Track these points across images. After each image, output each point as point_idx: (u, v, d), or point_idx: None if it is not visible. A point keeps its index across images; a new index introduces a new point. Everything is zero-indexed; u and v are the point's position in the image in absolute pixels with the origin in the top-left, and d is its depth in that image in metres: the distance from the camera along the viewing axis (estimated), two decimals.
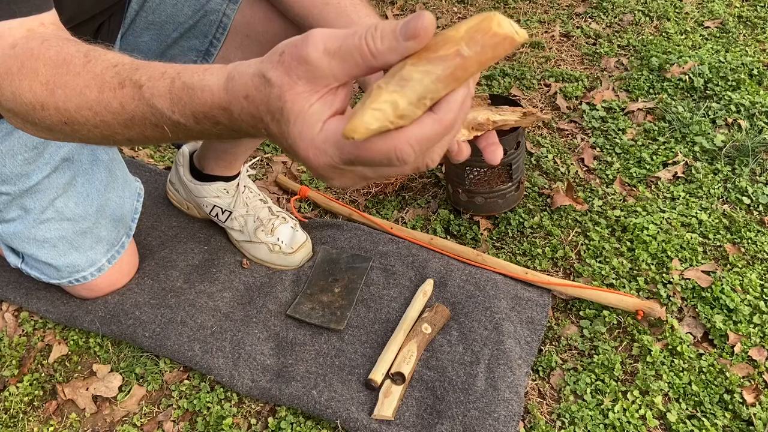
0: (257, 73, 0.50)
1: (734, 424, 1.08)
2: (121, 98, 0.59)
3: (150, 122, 0.59)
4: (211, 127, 0.56)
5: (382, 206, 1.53)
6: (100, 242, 1.23)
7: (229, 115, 0.54)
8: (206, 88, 0.54)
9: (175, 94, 0.57)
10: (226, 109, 0.54)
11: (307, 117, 0.48)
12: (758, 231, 1.39)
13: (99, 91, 0.60)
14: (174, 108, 0.57)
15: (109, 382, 1.20)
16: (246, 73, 0.51)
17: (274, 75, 0.49)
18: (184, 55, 1.12)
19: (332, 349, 1.20)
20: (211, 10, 1.07)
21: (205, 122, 0.56)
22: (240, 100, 0.52)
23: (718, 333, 1.20)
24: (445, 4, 2.31)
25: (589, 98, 1.81)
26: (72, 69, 0.63)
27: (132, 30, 1.09)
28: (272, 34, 1.07)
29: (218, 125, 0.56)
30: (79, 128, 0.64)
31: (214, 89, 0.54)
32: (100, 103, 0.61)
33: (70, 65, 0.63)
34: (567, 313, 1.27)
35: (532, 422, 1.10)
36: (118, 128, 0.62)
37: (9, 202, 1.12)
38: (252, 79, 0.51)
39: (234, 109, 0.53)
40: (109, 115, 0.61)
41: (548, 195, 1.52)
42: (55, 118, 0.64)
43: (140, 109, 0.59)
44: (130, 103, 0.59)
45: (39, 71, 0.63)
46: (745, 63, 1.86)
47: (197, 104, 0.55)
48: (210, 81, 0.54)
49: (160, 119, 0.58)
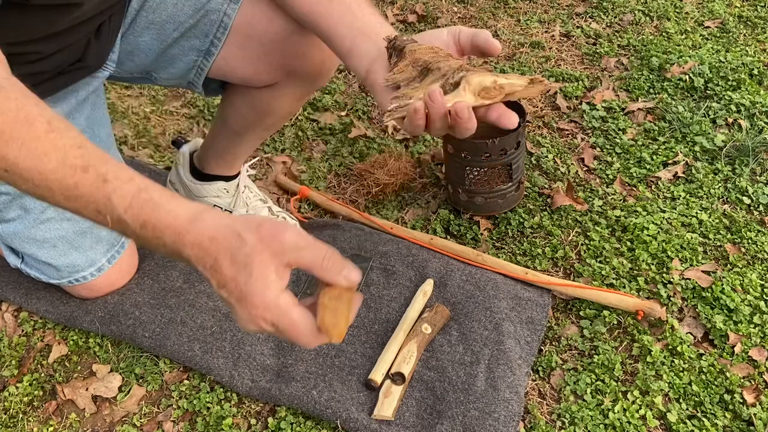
0: (232, 228, 0.64)
1: (734, 424, 1.08)
2: (79, 179, 0.66)
3: (94, 208, 0.67)
4: (151, 238, 0.66)
5: (382, 206, 1.53)
6: (99, 242, 1.22)
7: (177, 240, 0.65)
8: (171, 213, 0.65)
9: (137, 202, 0.66)
10: (179, 234, 0.65)
11: (268, 282, 0.63)
12: (758, 231, 1.39)
13: (58, 165, 0.66)
14: (129, 210, 0.66)
15: (109, 382, 1.20)
16: (218, 224, 0.64)
17: (249, 237, 0.63)
18: (185, 55, 1.11)
19: (332, 349, 1.20)
20: (211, 9, 1.07)
21: (149, 232, 0.66)
22: (202, 237, 0.64)
23: (718, 333, 1.20)
24: (445, 4, 2.31)
25: (589, 98, 1.81)
26: (33, 132, 0.67)
27: (132, 29, 1.09)
28: (273, 34, 1.07)
29: (158, 240, 0.66)
30: (17, 180, 0.69)
31: (179, 216, 0.65)
32: (54, 174, 0.66)
33: (32, 127, 0.67)
34: (567, 313, 1.27)
35: (532, 422, 1.10)
36: (58, 197, 0.68)
37: (9, 202, 1.12)
38: (225, 230, 0.64)
39: (188, 239, 0.65)
40: (58, 186, 0.67)
41: (548, 195, 1.52)
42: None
43: (93, 197, 0.67)
44: (86, 188, 0.66)
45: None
46: (745, 63, 1.86)
47: (154, 218, 0.65)
48: (176, 208, 0.66)
49: (107, 211, 0.67)
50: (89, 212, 0.68)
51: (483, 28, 2.14)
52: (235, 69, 1.13)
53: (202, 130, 1.79)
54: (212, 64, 1.12)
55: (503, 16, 2.22)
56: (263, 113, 1.23)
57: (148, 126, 1.81)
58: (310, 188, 1.56)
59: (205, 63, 1.12)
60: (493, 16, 2.22)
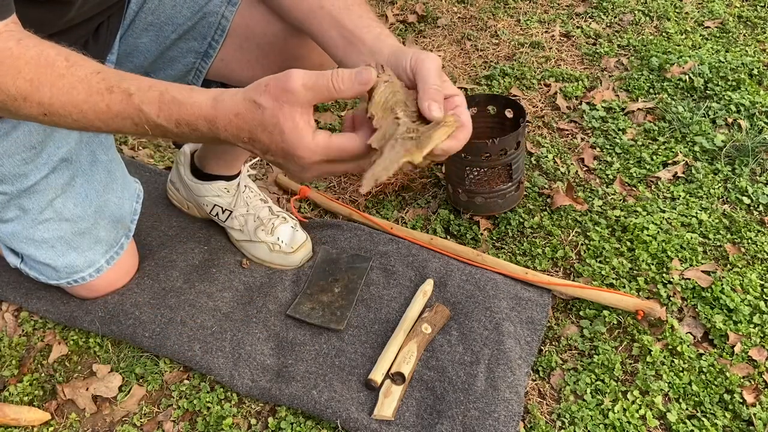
0: (247, 98, 0.69)
1: (734, 424, 1.08)
2: (109, 101, 0.73)
3: (132, 122, 0.74)
4: (189, 132, 0.73)
5: (382, 206, 1.53)
6: (98, 243, 1.23)
7: (212, 125, 0.71)
8: (194, 104, 0.71)
9: (164, 105, 0.72)
10: (210, 121, 0.71)
11: (300, 130, 0.69)
12: (758, 231, 1.39)
13: (87, 94, 0.73)
14: (161, 114, 0.72)
15: (109, 382, 1.20)
16: (235, 98, 0.70)
17: (263, 100, 0.69)
18: (183, 56, 1.12)
19: (332, 349, 1.20)
20: (209, 11, 1.07)
21: (185, 127, 0.73)
22: (229, 116, 0.70)
23: (718, 333, 1.20)
24: (445, 4, 2.31)
25: (589, 98, 1.81)
26: (56, 70, 0.74)
27: (131, 31, 1.09)
28: (271, 36, 1.07)
29: (196, 131, 0.73)
30: (57, 119, 0.76)
31: (203, 105, 0.71)
32: (87, 102, 0.73)
33: (54, 67, 0.74)
34: (567, 313, 1.27)
35: (532, 422, 1.10)
36: (97, 123, 0.75)
37: (7, 202, 1.12)
38: (242, 103, 0.70)
39: (220, 122, 0.71)
40: (93, 113, 0.74)
41: (548, 195, 1.52)
42: (35, 110, 0.75)
43: (127, 112, 0.73)
44: (117, 106, 0.73)
45: (21, 69, 0.73)
46: (745, 63, 1.86)
47: (184, 114, 0.72)
48: (197, 98, 0.72)
49: (143, 121, 0.73)
50: (129, 127, 0.75)
51: (483, 28, 2.15)
52: (233, 71, 1.13)
53: None
54: (210, 66, 1.12)
55: (503, 16, 2.22)
56: None
57: None
58: (310, 188, 1.56)
59: (203, 65, 1.12)
60: (493, 16, 2.22)
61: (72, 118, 0.75)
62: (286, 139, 0.69)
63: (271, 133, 0.69)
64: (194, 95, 0.72)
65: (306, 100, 0.68)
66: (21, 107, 0.75)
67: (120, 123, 0.74)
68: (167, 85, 0.73)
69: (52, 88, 0.73)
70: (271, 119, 0.68)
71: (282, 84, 0.68)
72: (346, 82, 0.69)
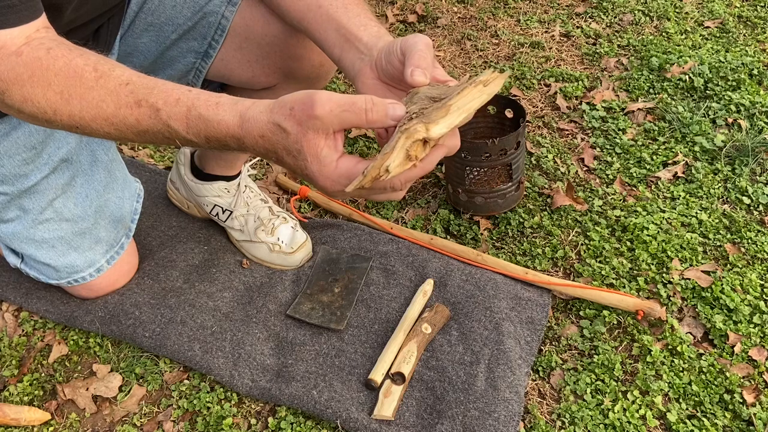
0: (272, 121, 0.68)
1: (734, 424, 1.08)
2: (138, 115, 0.73)
3: (164, 136, 0.74)
4: (220, 147, 0.73)
5: (382, 206, 1.53)
6: (99, 243, 1.23)
7: (240, 143, 0.71)
8: (222, 123, 0.71)
9: (192, 121, 0.72)
10: (239, 140, 0.71)
11: (321, 158, 0.68)
12: (758, 231, 1.39)
13: (116, 107, 0.73)
14: (189, 131, 0.72)
15: (109, 382, 1.20)
16: (260, 120, 0.69)
17: (288, 126, 0.67)
18: (183, 56, 1.12)
19: (332, 349, 1.20)
20: (209, 12, 1.07)
21: (215, 143, 0.73)
22: (255, 137, 0.70)
23: (718, 333, 1.20)
24: (445, 4, 2.31)
25: (589, 98, 1.81)
26: (85, 83, 0.73)
27: (131, 31, 1.09)
28: (271, 36, 1.07)
29: (227, 147, 0.73)
30: (90, 132, 0.76)
31: (230, 125, 0.70)
32: (116, 116, 0.73)
33: (83, 79, 0.73)
34: (567, 313, 1.27)
35: (532, 422, 1.10)
36: (130, 135, 0.75)
37: (7, 203, 1.12)
38: (267, 126, 0.69)
39: (247, 142, 0.71)
40: (124, 126, 0.74)
41: (548, 195, 1.52)
42: (66, 122, 0.75)
43: (156, 127, 0.73)
44: (147, 121, 0.73)
45: (51, 81, 0.72)
46: (745, 63, 1.86)
47: (212, 132, 0.71)
48: (224, 117, 0.71)
49: (174, 135, 0.73)
50: (162, 140, 0.75)
51: (483, 28, 2.15)
52: (233, 71, 1.13)
53: None
54: (210, 66, 1.12)
55: (503, 16, 2.22)
56: None
57: None
58: (310, 188, 1.56)
59: (203, 65, 1.12)
60: (493, 16, 2.22)
61: (104, 131, 0.75)
62: (309, 167, 0.69)
63: (295, 158, 0.69)
64: (220, 112, 0.71)
65: (333, 126, 0.67)
66: (53, 119, 0.75)
67: (152, 136, 0.74)
68: (194, 99, 0.72)
69: (82, 101, 0.73)
70: (294, 145, 0.68)
71: (307, 110, 0.66)
72: (379, 114, 0.67)
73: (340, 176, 0.68)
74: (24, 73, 0.72)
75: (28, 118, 0.77)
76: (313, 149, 0.67)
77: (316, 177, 0.69)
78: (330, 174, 0.68)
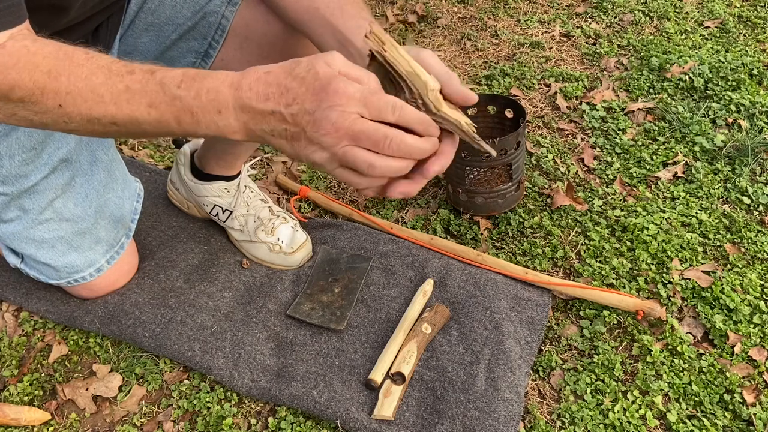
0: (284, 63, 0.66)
1: (734, 424, 1.08)
2: (129, 81, 0.70)
3: (147, 102, 0.70)
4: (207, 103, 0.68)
5: (382, 206, 1.53)
6: (99, 243, 1.23)
7: (236, 93, 0.67)
8: (221, 75, 0.68)
9: (187, 77, 0.69)
10: (235, 87, 0.67)
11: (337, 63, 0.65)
12: (758, 231, 1.39)
13: (106, 77, 0.70)
14: (182, 85, 0.68)
15: (109, 382, 1.20)
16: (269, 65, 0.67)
17: (301, 60, 0.65)
18: (183, 56, 1.12)
19: (332, 349, 1.20)
20: (210, 11, 1.07)
21: (203, 98, 0.68)
22: (258, 74, 0.66)
23: (718, 333, 1.20)
24: (445, 4, 2.31)
25: (589, 98, 1.81)
26: (75, 61, 0.71)
27: (131, 31, 1.09)
28: (272, 36, 1.07)
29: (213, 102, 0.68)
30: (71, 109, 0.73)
31: (230, 74, 0.68)
32: (104, 85, 0.70)
33: (73, 58, 0.71)
34: (567, 313, 1.27)
35: (532, 422, 1.10)
36: (111, 107, 0.71)
37: (7, 203, 1.12)
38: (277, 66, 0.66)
39: (244, 83, 0.67)
40: (109, 95, 0.70)
41: (548, 195, 1.52)
42: (50, 102, 0.72)
43: (145, 90, 0.70)
44: (137, 85, 0.70)
45: (39, 63, 0.71)
46: (745, 63, 1.86)
47: (207, 84, 0.68)
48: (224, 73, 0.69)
49: (160, 97, 0.70)
50: (141, 110, 0.70)
51: (483, 28, 2.15)
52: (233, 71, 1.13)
53: None
54: (211, 66, 1.12)
55: (503, 16, 2.22)
56: None
57: None
58: (310, 188, 1.56)
59: (203, 65, 1.12)
60: (493, 16, 2.22)
61: (86, 106, 0.72)
62: (320, 76, 0.63)
63: (301, 78, 0.64)
64: (220, 71, 0.70)
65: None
66: (38, 101, 0.72)
67: (132, 107, 0.70)
68: (190, 68, 0.72)
69: (70, 77, 0.71)
70: (305, 66, 0.64)
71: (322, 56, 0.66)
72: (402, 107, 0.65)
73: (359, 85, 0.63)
74: (9, 61, 0.71)
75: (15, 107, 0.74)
76: (327, 64, 0.64)
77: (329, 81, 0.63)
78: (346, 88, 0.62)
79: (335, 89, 0.62)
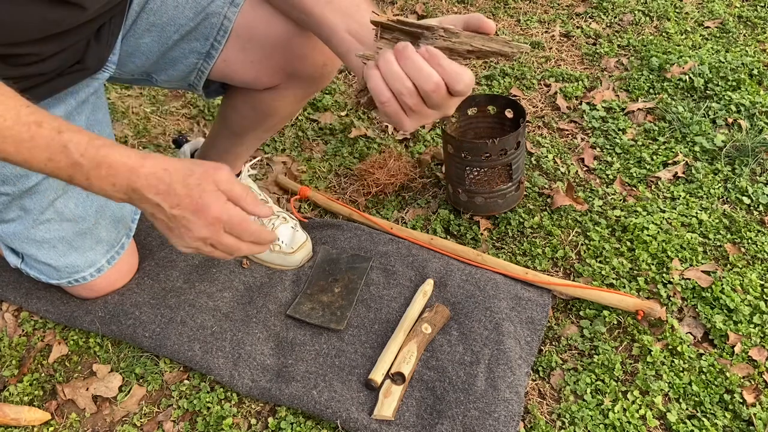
0: (182, 163, 0.81)
1: (734, 424, 1.08)
2: (35, 133, 0.75)
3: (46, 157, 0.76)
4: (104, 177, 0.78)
5: (382, 206, 1.53)
6: (99, 243, 1.23)
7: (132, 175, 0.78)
8: (124, 154, 0.78)
9: (92, 147, 0.77)
10: (133, 170, 0.78)
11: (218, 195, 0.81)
12: (758, 231, 1.39)
13: (14, 122, 0.75)
14: (85, 155, 0.76)
15: (109, 382, 1.20)
16: (169, 160, 0.81)
17: (196, 168, 0.81)
18: (185, 57, 1.11)
19: (332, 349, 1.20)
20: (212, 12, 1.07)
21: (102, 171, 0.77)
22: (157, 168, 0.79)
23: (718, 333, 1.20)
24: (445, 4, 2.31)
25: (589, 98, 1.81)
26: None
27: (133, 32, 1.09)
28: (274, 37, 1.07)
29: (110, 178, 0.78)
30: None
31: (132, 157, 0.78)
32: (10, 130, 0.75)
33: None
34: (567, 313, 1.27)
35: (532, 422, 1.10)
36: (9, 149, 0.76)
37: (8, 203, 1.12)
38: (176, 163, 0.80)
39: (142, 172, 0.78)
40: (12, 140, 0.75)
41: (548, 195, 1.52)
42: None
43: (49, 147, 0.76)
44: (42, 140, 0.76)
45: None
46: (745, 63, 1.86)
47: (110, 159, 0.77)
48: (129, 152, 0.79)
49: (61, 158, 0.76)
50: (39, 162, 0.77)
51: None
52: (235, 71, 1.13)
53: (202, 130, 1.79)
54: (213, 67, 1.12)
55: (503, 16, 2.22)
56: (264, 115, 1.23)
57: (148, 126, 1.81)
58: (310, 188, 1.56)
59: (205, 65, 1.12)
60: (493, 16, 2.22)
61: None
62: (204, 197, 0.79)
63: (190, 189, 0.79)
64: (125, 149, 0.79)
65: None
66: None
67: (31, 155, 0.76)
68: (98, 137, 0.78)
69: None
70: (196, 179, 0.79)
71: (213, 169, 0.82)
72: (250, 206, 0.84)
73: (229, 209, 0.81)
74: None
75: None
76: (214, 187, 0.80)
77: (208, 205, 0.79)
78: (221, 205, 0.81)
79: (212, 213, 0.80)
